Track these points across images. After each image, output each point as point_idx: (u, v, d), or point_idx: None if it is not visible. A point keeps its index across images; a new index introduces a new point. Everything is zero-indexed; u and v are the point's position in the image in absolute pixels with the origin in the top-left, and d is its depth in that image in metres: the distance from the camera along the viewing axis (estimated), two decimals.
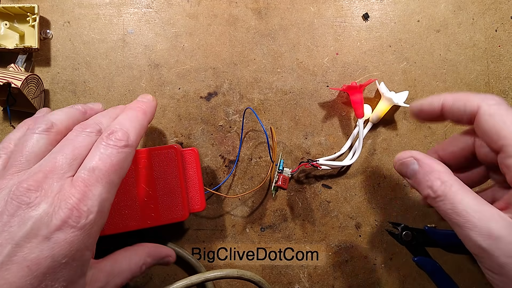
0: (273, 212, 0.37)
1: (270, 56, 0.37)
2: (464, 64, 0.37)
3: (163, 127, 0.37)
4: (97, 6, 0.38)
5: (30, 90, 0.34)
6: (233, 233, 0.37)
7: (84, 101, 0.37)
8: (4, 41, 0.36)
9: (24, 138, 0.25)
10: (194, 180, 0.33)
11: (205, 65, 0.37)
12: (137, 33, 0.37)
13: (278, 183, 0.34)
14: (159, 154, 0.32)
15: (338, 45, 0.38)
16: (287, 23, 0.38)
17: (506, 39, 0.37)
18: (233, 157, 0.37)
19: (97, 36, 0.37)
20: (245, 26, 0.38)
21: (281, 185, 0.34)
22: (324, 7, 0.38)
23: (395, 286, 0.37)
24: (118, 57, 0.37)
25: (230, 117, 0.37)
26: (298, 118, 0.37)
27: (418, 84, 0.37)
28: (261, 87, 0.37)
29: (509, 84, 0.37)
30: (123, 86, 0.37)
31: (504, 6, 0.38)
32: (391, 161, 0.37)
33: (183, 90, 0.37)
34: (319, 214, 0.37)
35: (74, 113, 0.27)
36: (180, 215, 0.32)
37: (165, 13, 0.38)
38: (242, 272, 0.33)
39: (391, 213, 0.37)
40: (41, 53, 0.37)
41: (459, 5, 0.38)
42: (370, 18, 0.38)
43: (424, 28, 0.38)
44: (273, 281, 0.37)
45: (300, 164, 0.35)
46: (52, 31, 0.37)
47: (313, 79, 0.37)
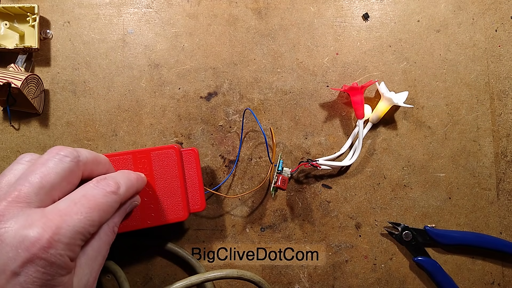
0: (273, 212, 0.37)
1: (270, 56, 0.37)
2: (464, 64, 0.37)
3: (163, 127, 0.37)
4: (97, 6, 0.38)
5: (30, 90, 0.34)
6: (233, 233, 0.37)
7: (84, 101, 0.37)
8: (4, 41, 0.36)
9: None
10: (194, 180, 0.33)
11: (205, 65, 0.37)
12: (137, 33, 0.37)
13: (277, 184, 0.34)
14: (159, 154, 0.32)
15: (338, 45, 0.38)
16: (287, 23, 0.38)
17: (506, 39, 0.37)
18: (233, 157, 0.37)
19: (97, 36, 0.37)
20: (245, 26, 0.38)
21: (280, 185, 0.34)
22: (324, 7, 0.38)
23: (395, 286, 0.37)
24: (118, 57, 0.37)
25: (230, 117, 0.37)
26: (298, 118, 0.37)
27: (418, 84, 0.37)
28: (261, 87, 0.37)
29: (509, 84, 0.37)
30: (123, 86, 0.37)
31: (504, 6, 0.38)
32: (391, 161, 0.37)
33: (183, 90, 0.37)
34: (319, 214, 0.37)
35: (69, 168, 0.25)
36: (180, 215, 0.32)
37: (165, 13, 0.38)
38: (242, 272, 0.33)
39: (391, 213, 0.37)
40: (41, 53, 0.37)
41: (459, 5, 0.38)
42: (370, 18, 0.38)
43: (424, 28, 0.38)
44: (273, 281, 0.37)
45: (299, 164, 0.35)
46: (52, 31, 0.37)
47: (313, 79, 0.37)
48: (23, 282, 0.20)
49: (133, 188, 0.27)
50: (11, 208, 0.21)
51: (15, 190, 0.21)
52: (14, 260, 0.19)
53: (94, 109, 0.37)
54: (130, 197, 0.27)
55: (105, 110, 0.37)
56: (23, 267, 0.20)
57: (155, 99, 0.37)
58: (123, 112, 0.37)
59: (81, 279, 0.24)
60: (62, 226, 0.21)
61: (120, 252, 0.36)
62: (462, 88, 0.37)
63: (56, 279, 0.21)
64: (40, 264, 0.20)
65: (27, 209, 0.21)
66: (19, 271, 0.19)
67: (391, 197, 0.37)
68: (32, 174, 0.22)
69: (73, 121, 0.37)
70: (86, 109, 0.37)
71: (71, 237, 0.21)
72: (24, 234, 0.20)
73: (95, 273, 0.25)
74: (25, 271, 0.20)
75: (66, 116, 0.37)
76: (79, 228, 0.21)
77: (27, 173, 0.22)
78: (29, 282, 0.20)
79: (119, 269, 0.34)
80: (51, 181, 0.22)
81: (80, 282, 0.23)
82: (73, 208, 0.22)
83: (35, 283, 0.20)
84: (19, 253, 0.19)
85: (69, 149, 0.24)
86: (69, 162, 0.23)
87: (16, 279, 0.19)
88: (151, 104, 0.37)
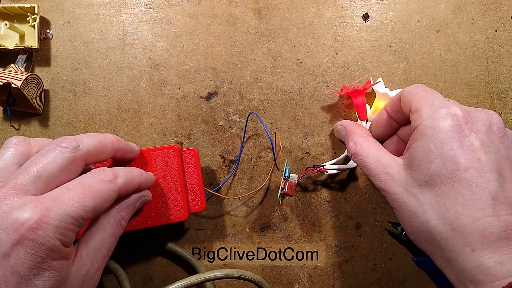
0: (273, 212, 0.37)
1: (270, 56, 0.37)
2: (464, 64, 0.37)
3: (163, 127, 0.37)
4: (97, 6, 0.38)
5: (30, 90, 0.34)
6: (233, 233, 0.37)
7: (84, 101, 0.37)
8: (4, 41, 0.36)
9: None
10: (194, 180, 0.33)
11: (205, 65, 0.37)
12: (137, 33, 0.37)
13: (284, 190, 0.34)
14: (159, 154, 0.32)
15: (338, 45, 0.38)
16: (287, 23, 0.38)
17: (506, 39, 0.37)
18: (233, 157, 0.37)
19: (97, 36, 0.37)
20: (245, 26, 0.38)
21: (287, 192, 0.33)
22: (324, 7, 0.38)
23: (395, 286, 0.37)
24: (118, 57, 0.37)
25: (230, 117, 0.37)
26: (298, 118, 0.37)
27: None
28: (261, 87, 0.37)
29: (509, 84, 0.37)
30: (123, 86, 0.37)
31: (504, 6, 0.38)
32: None
33: (183, 90, 0.37)
34: (319, 214, 0.37)
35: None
36: (180, 215, 0.32)
37: (165, 13, 0.38)
38: (242, 272, 0.33)
39: (391, 213, 0.37)
40: (41, 53, 0.37)
41: (459, 5, 0.38)
42: (370, 18, 0.38)
43: (424, 28, 0.38)
44: (273, 281, 0.37)
45: (306, 170, 0.35)
46: (52, 31, 0.37)
47: (313, 79, 0.37)
48: (14, 264, 0.20)
49: (134, 181, 0.27)
50: (7, 195, 0.21)
51: (13, 179, 0.22)
52: (4, 242, 0.20)
53: (94, 109, 0.37)
54: (130, 190, 0.27)
55: (105, 110, 0.37)
56: (13, 248, 0.20)
57: (155, 99, 0.37)
58: (123, 112, 0.37)
59: (81, 269, 0.24)
60: (52, 209, 0.21)
61: (120, 252, 0.36)
62: (462, 88, 0.37)
63: (46, 262, 0.21)
64: (29, 245, 0.20)
65: (23, 196, 0.21)
66: (10, 253, 0.20)
67: None
68: (32, 164, 0.23)
69: (73, 121, 0.37)
70: (86, 109, 0.37)
71: (61, 220, 0.21)
72: (15, 216, 0.20)
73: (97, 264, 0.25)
74: (15, 253, 0.20)
75: (66, 116, 0.37)
76: (71, 212, 0.22)
77: (28, 164, 0.23)
78: (19, 264, 0.20)
79: (119, 268, 0.34)
80: (49, 171, 0.23)
81: (79, 271, 0.24)
82: (66, 193, 0.22)
83: (25, 264, 0.20)
84: (9, 234, 0.20)
85: (70, 140, 0.24)
86: (69, 153, 0.24)
87: (7, 261, 0.20)
88: (151, 104, 0.37)
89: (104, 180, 0.24)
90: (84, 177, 0.24)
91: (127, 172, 0.27)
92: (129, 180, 0.26)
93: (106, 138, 0.27)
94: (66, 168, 0.24)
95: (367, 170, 0.28)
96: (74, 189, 0.23)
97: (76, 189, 0.23)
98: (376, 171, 0.27)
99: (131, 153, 0.30)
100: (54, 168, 0.23)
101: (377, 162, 0.27)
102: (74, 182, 0.23)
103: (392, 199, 0.26)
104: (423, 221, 0.24)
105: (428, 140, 0.24)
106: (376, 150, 0.28)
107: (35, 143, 0.26)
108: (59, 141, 0.24)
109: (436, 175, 0.24)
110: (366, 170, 0.28)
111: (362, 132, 0.31)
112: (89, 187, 0.23)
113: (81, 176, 0.24)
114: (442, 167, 0.24)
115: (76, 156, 0.24)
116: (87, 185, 0.23)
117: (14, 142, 0.25)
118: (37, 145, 0.26)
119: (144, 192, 0.29)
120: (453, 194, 0.23)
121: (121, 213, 0.27)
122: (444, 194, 0.23)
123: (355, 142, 0.30)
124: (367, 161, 0.28)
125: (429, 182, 0.24)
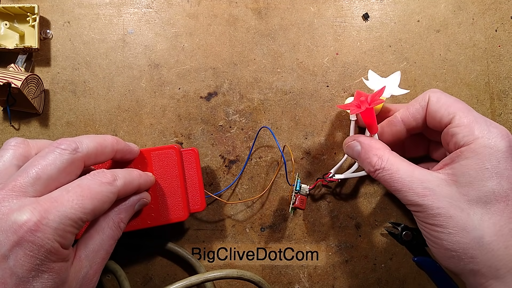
0: (273, 212, 0.37)
1: (270, 56, 0.37)
2: (464, 64, 0.37)
3: (163, 127, 0.37)
4: (97, 6, 0.38)
5: (30, 90, 0.34)
6: (233, 233, 0.37)
7: (84, 101, 0.37)
8: (4, 41, 0.36)
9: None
10: (194, 180, 0.33)
11: (205, 65, 0.37)
12: (137, 33, 0.37)
13: (295, 204, 0.34)
14: (159, 154, 0.32)
15: (338, 45, 0.38)
16: (287, 23, 0.38)
17: (506, 39, 0.37)
18: (233, 157, 0.37)
19: (97, 36, 0.37)
20: (245, 26, 0.38)
21: (298, 205, 0.34)
22: (324, 7, 0.38)
23: (395, 286, 0.37)
24: (118, 57, 0.37)
25: (230, 117, 0.37)
26: (298, 118, 0.37)
27: (418, 84, 0.37)
28: (261, 87, 0.37)
29: (509, 84, 0.37)
30: (123, 86, 0.37)
31: (504, 6, 0.38)
32: None
33: (183, 90, 0.37)
34: (319, 214, 0.37)
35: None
36: (180, 215, 0.32)
37: (165, 13, 0.38)
38: (242, 272, 0.33)
39: (391, 213, 0.37)
40: (41, 53, 0.37)
41: (459, 5, 0.38)
42: (370, 18, 0.38)
43: (424, 28, 0.38)
44: (273, 281, 0.37)
45: (316, 181, 0.35)
46: (52, 31, 0.37)
47: (313, 79, 0.37)
48: (13, 266, 0.20)
49: (133, 183, 0.27)
50: (6, 197, 0.21)
51: (12, 180, 0.22)
52: (3, 244, 0.20)
53: (94, 109, 0.37)
54: (129, 192, 0.27)
55: (105, 110, 0.37)
56: (12, 250, 0.20)
57: (155, 99, 0.37)
58: (123, 112, 0.37)
59: (79, 271, 0.24)
60: (51, 211, 0.21)
61: (120, 252, 0.36)
62: (462, 88, 0.37)
63: (45, 264, 0.21)
64: (28, 247, 0.20)
65: (23, 198, 0.21)
66: (8, 254, 0.20)
67: (391, 197, 0.37)
68: (31, 166, 0.23)
69: (73, 121, 0.37)
70: (86, 109, 0.37)
71: (60, 222, 0.21)
72: (14, 217, 0.20)
73: (95, 266, 0.25)
74: (14, 255, 0.20)
75: (66, 116, 0.37)
76: (70, 214, 0.21)
77: (27, 166, 0.23)
78: (18, 266, 0.20)
79: (119, 268, 0.34)
80: (48, 173, 0.23)
81: (78, 274, 0.24)
82: (65, 195, 0.22)
83: (24, 267, 0.20)
84: (8, 236, 0.20)
85: (69, 142, 0.24)
86: (68, 154, 0.24)
87: (6, 263, 0.20)
88: (151, 104, 0.37)
89: (103, 182, 0.24)
90: (83, 179, 0.24)
91: (126, 174, 0.27)
92: (128, 182, 0.26)
93: (106, 140, 0.27)
94: (65, 170, 0.24)
95: (398, 185, 0.26)
96: (73, 191, 0.22)
97: (75, 191, 0.23)
98: (410, 186, 0.25)
99: (130, 154, 0.30)
100: (53, 170, 0.23)
101: (411, 176, 0.26)
102: (73, 184, 0.23)
103: (433, 214, 0.25)
104: (475, 237, 0.24)
105: (483, 159, 0.24)
106: (406, 164, 0.27)
107: (34, 144, 0.26)
108: (58, 143, 0.24)
109: (491, 193, 0.24)
110: (397, 185, 0.26)
111: (384, 147, 0.29)
112: (88, 189, 0.23)
113: (80, 178, 0.24)
114: (498, 185, 0.24)
115: (75, 158, 0.24)
116: (86, 187, 0.23)
117: (13, 144, 0.25)
118: (36, 146, 0.26)
119: (143, 195, 0.29)
120: (507, 213, 0.24)
121: (120, 215, 0.27)
122: (498, 212, 0.24)
123: (380, 156, 0.28)
124: (397, 175, 0.26)
125: (482, 199, 0.24)
